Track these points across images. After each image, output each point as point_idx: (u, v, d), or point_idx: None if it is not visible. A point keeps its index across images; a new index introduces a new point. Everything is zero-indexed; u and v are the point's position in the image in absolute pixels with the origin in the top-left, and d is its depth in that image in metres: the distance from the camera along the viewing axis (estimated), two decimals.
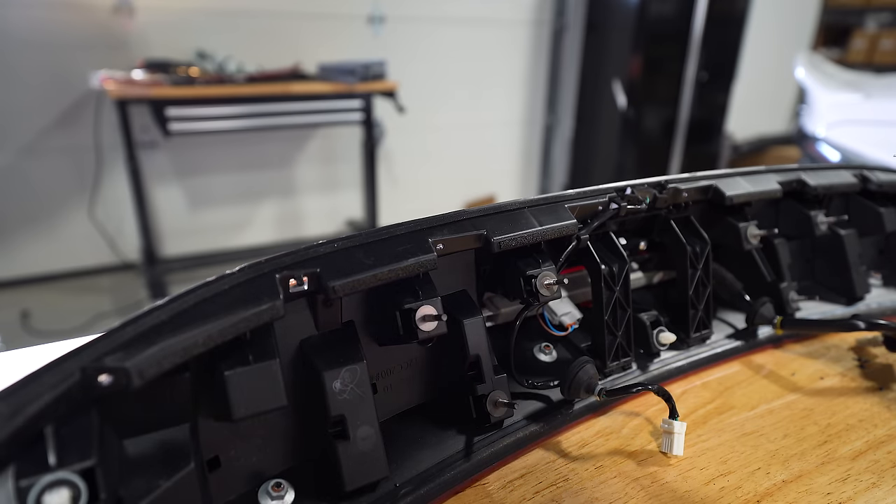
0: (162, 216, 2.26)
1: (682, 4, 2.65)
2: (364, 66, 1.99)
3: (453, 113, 2.80)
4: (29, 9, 1.83)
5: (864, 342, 0.57)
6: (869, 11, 3.62)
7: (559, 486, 0.40)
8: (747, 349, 0.57)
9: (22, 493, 0.23)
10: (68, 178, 2.05)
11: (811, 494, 0.39)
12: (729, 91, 2.98)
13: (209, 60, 1.97)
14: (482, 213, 0.42)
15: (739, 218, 0.58)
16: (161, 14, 2.01)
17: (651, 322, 0.51)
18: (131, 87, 1.73)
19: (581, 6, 2.78)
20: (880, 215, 0.64)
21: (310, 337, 0.38)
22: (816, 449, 0.44)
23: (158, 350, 0.27)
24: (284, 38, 2.24)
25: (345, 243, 0.36)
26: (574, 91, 2.93)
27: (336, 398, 0.35)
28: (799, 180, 0.61)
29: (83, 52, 1.92)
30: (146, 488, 0.28)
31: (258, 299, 0.31)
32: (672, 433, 0.43)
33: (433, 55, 2.61)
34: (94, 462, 0.25)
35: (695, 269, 0.53)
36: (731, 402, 0.49)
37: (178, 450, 0.30)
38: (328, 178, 2.58)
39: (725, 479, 0.40)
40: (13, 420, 0.23)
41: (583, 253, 0.48)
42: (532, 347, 0.51)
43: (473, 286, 0.49)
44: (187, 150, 2.22)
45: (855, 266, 0.64)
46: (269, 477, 0.36)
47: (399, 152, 2.70)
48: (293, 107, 1.98)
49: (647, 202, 0.50)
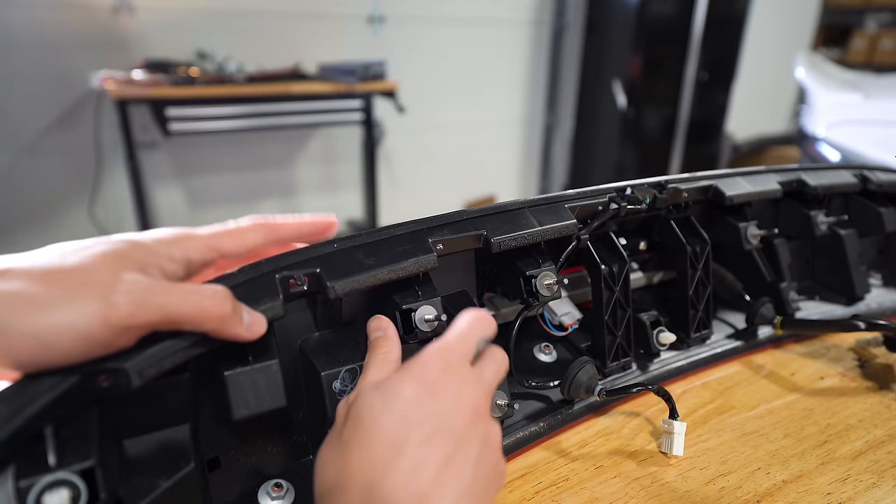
0: (162, 216, 2.26)
1: (682, 4, 2.65)
2: (364, 66, 1.98)
3: (453, 113, 2.80)
4: (29, 9, 1.83)
5: (864, 342, 0.56)
6: (869, 11, 3.62)
7: (559, 486, 0.40)
8: (747, 349, 0.57)
9: (22, 493, 0.23)
10: (68, 178, 2.05)
11: (811, 494, 0.39)
12: (729, 91, 2.98)
13: (209, 60, 1.97)
14: (482, 214, 0.42)
15: (739, 218, 0.58)
16: (161, 14, 2.01)
17: (651, 322, 0.51)
18: (131, 87, 1.73)
19: (581, 6, 2.78)
20: (880, 215, 0.64)
21: (309, 337, 0.38)
22: (816, 449, 0.44)
23: (158, 350, 0.27)
24: (284, 38, 2.24)
25: (345, 243, 0.36)
26: (574, 91, 2.93)
27: (336, 398, 0.35)
28: (799, 180, 0.61)
29: (83, 52, 1.92)
30: (146, 488, 0.28)
31: (258, 300, 0.31)
32: (672, 433, 0.43)
33: (433, 55, 2.61)
34: (93, 462, 0.25)
35: (695, 269, 0.53)
36: (731, 402, 0.49)
37: (178, 450, 0.30)
38: (328, 178, 2.58)
39: (725, 479, 0.40)
40: (13, 421, 0.23)
41: (583, 253, 0.48)
42: (532, 347, 0.51)
43: (473, 286, 0.49)
44: (187, 150, 2.22)
45: (855, 266, 0.64)
46: (268, 477, 0.36)
47: (399, 152, 2.69)
48: (293, 107, 1.98)
49: (647, 202, 0.50)
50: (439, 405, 0.28)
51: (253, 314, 0.30)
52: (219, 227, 0.32)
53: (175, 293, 0.27)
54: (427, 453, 0.26)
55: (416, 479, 0.26)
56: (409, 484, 0.25)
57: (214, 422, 0.35)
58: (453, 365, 0.29)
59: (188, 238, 0.30)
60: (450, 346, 0.30)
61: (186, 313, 0.27)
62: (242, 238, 0.33)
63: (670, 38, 2.72)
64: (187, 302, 0.27)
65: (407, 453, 0.26)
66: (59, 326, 0.23)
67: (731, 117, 3.08)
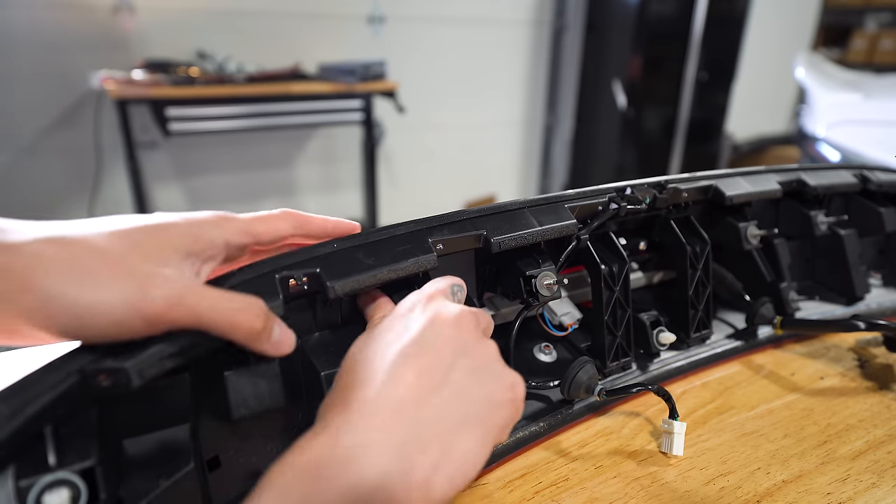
0: None
1: (682, 4, 2.65)
2: (364, 66, 1.98)
3: (453, 113, 2.80)
4: (29, 9, 1.83)
5: (864, 342, 0.56)
6: (869, 11, 3.62)
7: (559, 486, 0.40)
8: (747, 349, 0.57)
9: (22, 493, 0.23)
10: (68, 178, 2.05)
11: (811, 494, 0.39)
12: (729, 91, 2.98)
13: (209, 60, 1.97)
14: (482, 214, 0.42)
15: (739, 218, 0.58)
16: (161, 14, 2.01)
17: (651, 322, 0.51)
18: (131, 87, 1.73)
19: (581, 6, 2.78)
20: (880, 215, 0.64)
21: (309, 337, 0.38)
22: (816, 449, 0.44)
23: (158, 350, 0.27)
24: (284, 38, 2.24)
25: (344, 243, 0.36)
26: (574, 91, 2.93)
27: None
28: (799, 180, 0.61)
29: (83, 52, 1.92)
30: (146, 488, 0.28)
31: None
32: (672, 433, 0.43)
33: (433, 55, 2.61)
34: (93, 462, 0.25)
35: (695, 269, 0.53)
36: (731, 402, 0.49)
37: (178, 450, 0.30)
38: (328, 178, 2.58)
39: (725, 479, 0.40)
40: (13, 420, 0.23)
41: (583, 253, 0.48)
42: (532, 347, 0.51)
43: (473, 286, 0.49)
44: (187, 151, 2.22)
45: (855, 266, 0.64)
46: None
47: (399, 152, 2.70)
48: (293, 107, 1.98)
49: (647, 202, 0.50)
50: (413, 325, 0.30)
51: (284, 330, 0.30)
52: (252, 214, 0.33)
53: (210, 298, 0.27)
54: (401, 365, 0.27)
55: (393, 388, 0.26)
56: (386, 392, 0.26)
57: (215, 421, 0.35)
58: (425, 297, 0.32)
59: (227, 221, 0.31)
60: (422, 289, 0.33)
61: (216, 321, 0.27)
62: (274, 225, 0.33)
63: (670, 38, 2.72)
64: (220, 310, 0.27)
65: (382, 370, 0.27)
66: (97, 307, 0.24)
67: (731, 117, 3.08)
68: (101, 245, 0.26)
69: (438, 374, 0.27)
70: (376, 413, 0.26)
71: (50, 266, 0.24)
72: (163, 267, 0.27)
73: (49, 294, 0.24)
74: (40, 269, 0.24)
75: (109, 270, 0.25)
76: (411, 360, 0.28)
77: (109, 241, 0.26)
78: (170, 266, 0.27)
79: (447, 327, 0.30)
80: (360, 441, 0.24)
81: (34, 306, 0.24)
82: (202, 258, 0.29)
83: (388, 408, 0.26)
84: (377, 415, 0.26)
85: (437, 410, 0.26)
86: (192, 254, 0.28)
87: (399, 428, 0.25)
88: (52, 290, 0.24)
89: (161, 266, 0.27)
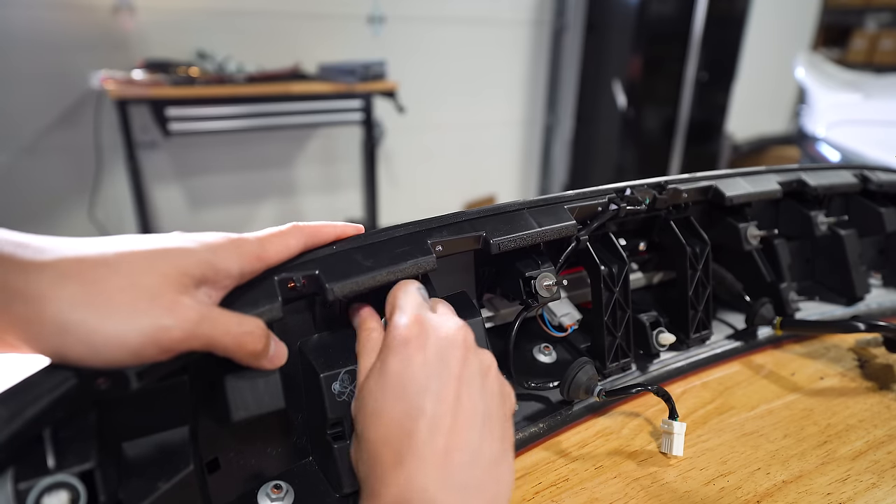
0: (162, 216, 2.26)
1: (682, 4, 2.65)
2: (364, 66, 1.98)
3: (453, 113, 2.80)
4: (29, 9, 1.82)
5: (864, 342, 0.56)
6: (869, 11, 3.62)
7: (559, 487, 0.40)
8: (747, 349, 0.57)
9: (21, 495, 0.23)
10: (68, 178, 2.05)
11: (811, 495, 0.39)
12: (729, 91, 2.98)
13: (209, 60, 1.97)
14: (481, 215, 0.42)
15: (739, 218, 0.58)
16: (161, 14, 2.00)
17: (651, 323, 0.51)
18: (131, 87, 1.73)
19: (581, 6, 2.78)
20: (880, 215, 0.64)
21: (309, 339, 0.38)
22: (816, 449, 0.44)
23: None
24: (284, 38, 2.23)
25: (343, 245, 0.36)
26: (574, 91, 2.93)
27: (335, 400, 0.35)
28: (799, 180, 0.61)
29: (83, 52, 1.92)
30: (145, 490, 0.28)
31: (256, 302, 0.31)
32: (672, 433, 0.43)
33: (433, 55, 2.61)
34: (92, 464, 0.25)
35: (694, 270, 0.53)
36: (730, 402, 0.49)
37: (178, 452, 0.30)
38: (328, 178, 2.58)
39: (725, 480, 0.40)
40: (12, 423, 0.23)
41: (582, 254, 0.48)
42: (532, 348, 0.51)
43: (473, 287, 0.49)
44: (187, 150, 2.22)
45: (855, 266, 0.64)
46: (268, 479, 0.36)
47: (399, 152, 2.69)
48: (293, 107, 1.98)
49: (646, 203, 0.50)
50: (428, 357, 0.29)
51: (278, 345, 0.31)
52: (263, 233, 0.33)
53: (222, 323, 0.28)
54: (438, 399, 0.28)
55: (439, 422, 0.27)
56: (435, 429, 0.27)
57: (214, 424, 0.35)
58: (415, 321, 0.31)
59: (241, 246, 0.31)
60: (404, 310, 0.32)
61: (225, 345, 0.28)
62: (285, 243, 0.33)
63: (670, 38, 2.72)
64: (230, 335, 0.28)
65: (424, 410, 0.28)
66: (112, 338, 0.24)
67: (731, 117, 3.08)
68: (122, 270, 0.25)
69: (467, 398, 0.29)
70: (433, 464, 0.26)
71: (69, 296, 0.24)
72: (181, 294, 0.26)
73: (65, 325, 0.23)
74: (58, 300, 0.23)
75: (130, 298, 0.25)
76: (444, 393, 0.28)
77: (131, 266, 0.26)
78: (187, 293, 0.27)
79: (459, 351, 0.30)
80: (429, 498, 0.26)
81: (45, 334, 0.23)
82: (217, 288, 0.29)
83: (438, 457, 0.27)
84: (434, 466, 0.26)
85: (477, 445, 0.28)
86: (208, 282, 0.28)
87: (458, 476, 0.27)
88: (68, 321, 0.23)
89: (179, 293, 0.26)
